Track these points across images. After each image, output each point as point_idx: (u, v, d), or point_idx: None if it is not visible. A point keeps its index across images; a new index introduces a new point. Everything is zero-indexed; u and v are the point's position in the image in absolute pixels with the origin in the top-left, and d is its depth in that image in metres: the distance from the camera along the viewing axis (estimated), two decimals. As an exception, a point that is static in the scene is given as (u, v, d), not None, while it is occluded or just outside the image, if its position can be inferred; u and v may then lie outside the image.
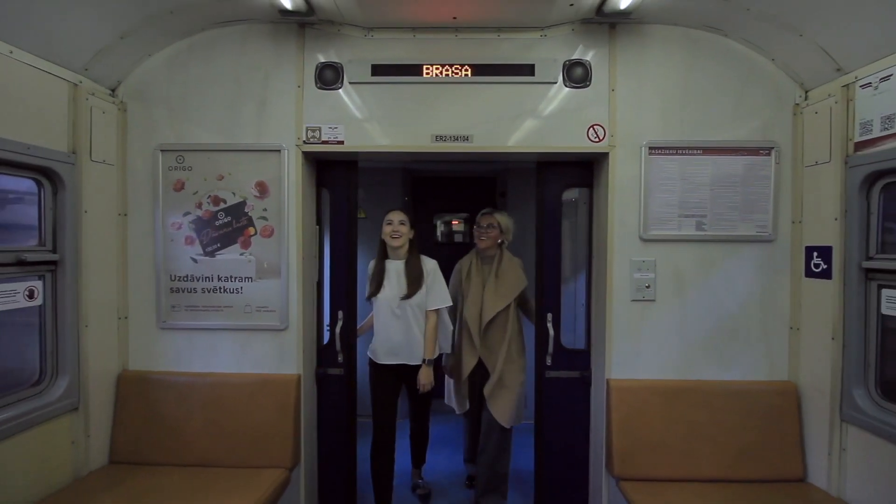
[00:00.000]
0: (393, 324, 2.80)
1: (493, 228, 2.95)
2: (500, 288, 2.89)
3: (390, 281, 2.81)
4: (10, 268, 2.04)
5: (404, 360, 2.84)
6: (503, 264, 2.95)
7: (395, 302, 2.78)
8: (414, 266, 2.82)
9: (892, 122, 1.99)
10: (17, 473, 2.03)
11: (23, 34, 1.97)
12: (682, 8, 2.33)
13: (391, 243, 2.80)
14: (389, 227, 2.80)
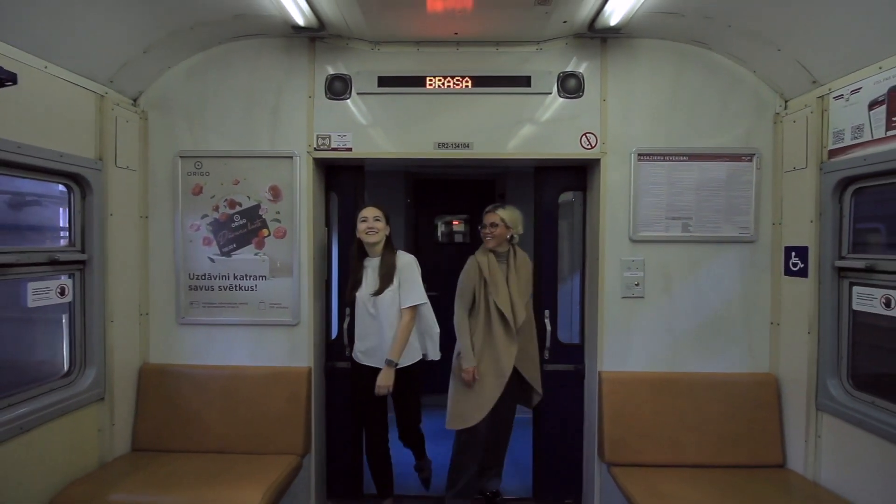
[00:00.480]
0: (368, 323, 2.65)
1: (497, 226, 2.75)
2: (520, 285, 2.77)
3: (367, 279, 2.66)
4: (45, 267, 2.18)
5: (376, 362, 2.64)
6: (517, 260, 2.83)
7: (368, 300, 2.63)
8: (387, 261, 2.65)
9: (862, 131, 2.13)
10: (50, 458, 2.17)
11: (56, 50, 2.11)
12: (668, 24, 2.47)
13: (366, 240, 2.63)
14: (364, 224, 2.62)
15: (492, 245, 2.78)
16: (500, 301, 2.70)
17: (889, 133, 2.00)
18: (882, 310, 2.08)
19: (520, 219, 2.82)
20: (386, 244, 2.68)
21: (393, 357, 2.58)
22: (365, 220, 2.62)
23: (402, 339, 2.60)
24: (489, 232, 2.78)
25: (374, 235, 2.62)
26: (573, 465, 2.95)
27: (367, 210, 2.65)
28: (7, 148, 1.91)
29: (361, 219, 2.64)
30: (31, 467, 2.06)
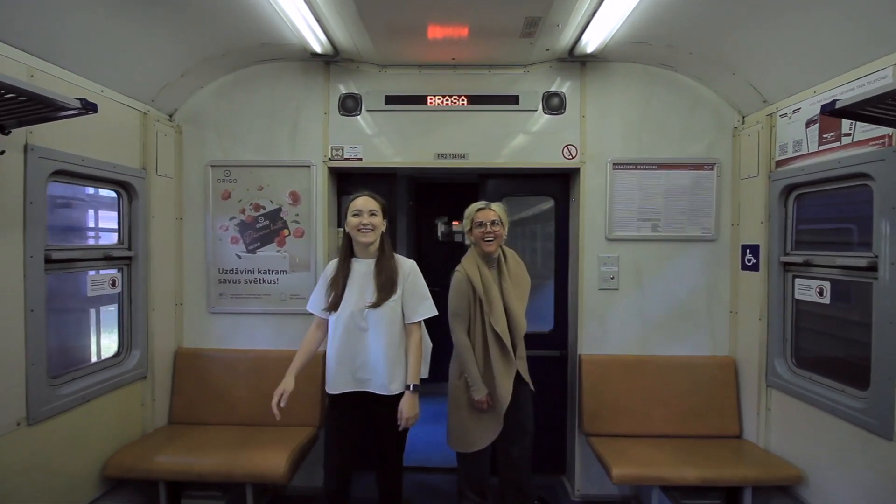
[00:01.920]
0: (357, 341, 2.18)
1: (499, 225, 2.44)
2: (518, 290, 2.50)
3: (355, 286, 2.19)
4: (100, 262, 2.49)
5: (371, 386, 2.21)
6: (509, 263, 2.55)
7: (360, 313, 2.16)
8: (386, 266, 2.20)
9: (801, 145, 2.43)
10: (104, 426, 2.47)
11: (109, 76, 2.41)
12: (637, 51, 2.77)
13: (359, 239, 2.17)
14: (357, 218, 2.16)
15: (492, 249, 2.43)
16: (497, 322, 2.39)
17: (821, 148, 2.30)
18: (817, 298, 2.38)
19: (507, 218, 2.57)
20: (381, 244, 2.24)
21: (416, 380, 2.22)
22: (359, 214, 2.17)
23: (418, 358, 2.24)
24: (491, 232, 2.42)
25: (369, 234, 2.17)
26: (558, 438, 3.23)
27: (360, 200, 2.19)
28: (74, 161, 2.21)
29: (354, 211, 2.18)
30: (89, 432, 2.36)
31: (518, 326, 2.45)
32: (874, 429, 1.99)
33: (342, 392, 2.24)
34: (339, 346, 2.21)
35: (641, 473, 2.44)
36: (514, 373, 2.43)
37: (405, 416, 2.19)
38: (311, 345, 2.35)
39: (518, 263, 2.61)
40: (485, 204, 2.52)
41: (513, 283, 2.50)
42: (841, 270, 2.24)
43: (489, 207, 2.48)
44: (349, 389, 2.23)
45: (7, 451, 1.92)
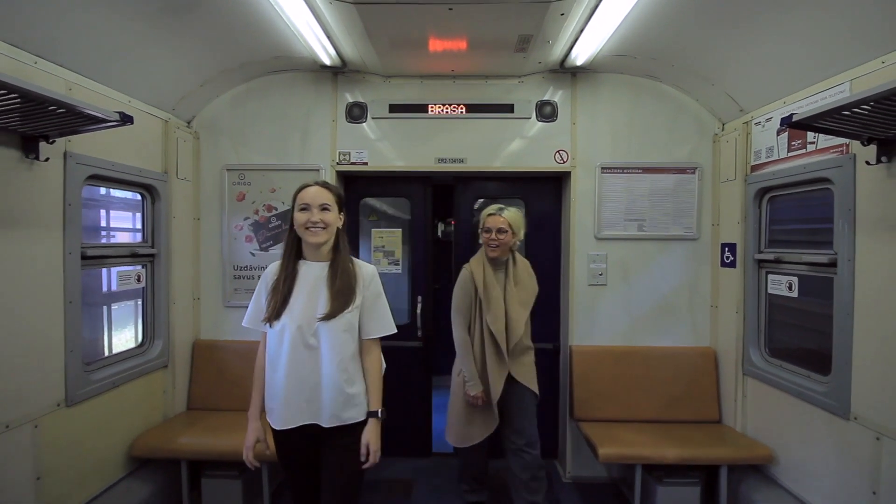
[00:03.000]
0: (304, 361, 1.73)
1: (505, 232, 2.45)
2: (521, 295, 2.52)
3: (302, 293, 1.76)
4: (127, 258, 2.67)
5: (314, 417, 1.76)
6: (518, 268, 2.56)
7: (309, 326, 1.72)
8: (343, 270, 1.78)
9: (773, 152, 2.61)
10: (130, 410, 2.65)
11: (136, 87, 2.59)
12: (624, 63, 2.95)
13: (308, 239, 1.75)
14: (304, 214, 1.73)
15: (496, 255, 2.48)
16: (493, 322, 2.41)
17: (790, 154, 2.48)
18: (787, 292, 2.57)
19: (523, 221, 2.57)
20: (336, 243, 1.81)
21: (377, 406, 1.83)
22: (307, 209, 1.73)
23: (380, 380, 1.87)
24: (495, 239, 2.43)
25: (320, 233, 1.73)
26: (551, 424, 3.42)
27: (310, 191, 1.76)
28: (106, 166, 2.39)
29: (301, 205, 1.74)
30: (118, 415, 2.54)
31: (513, 330, 2.44)
32: (834, 409, 2.17)
33: (286, 427, 1.76)
34: (287, 368, 1.73)
35: (625, 452, 2.62)
36: (505, 374, 2.46)
37: (371, 447, 1.76)
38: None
39: (527, 271, 2.61)
40: (497, 209, 2.53)
41: (517, 287, 2.50)
42: (807, 266, 2.42)
43: (499, 214, 2.49)
44: (304, 422, 1.75)
45: (49, 429, 2.10)
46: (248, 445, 1.87)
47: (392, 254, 3.44)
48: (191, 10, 2.25)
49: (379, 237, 3.46)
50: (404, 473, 3.28)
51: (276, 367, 1.79)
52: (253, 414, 1.88)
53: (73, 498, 2.25)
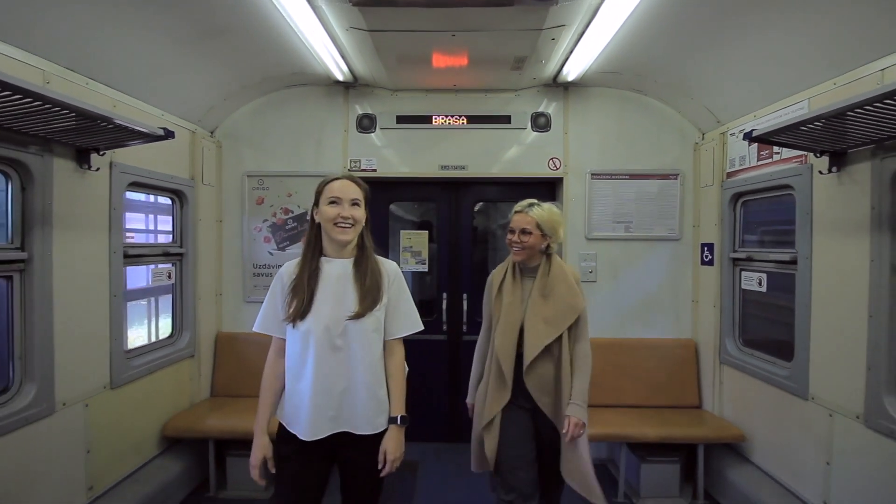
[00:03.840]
0: (330, 364, 1.62)
1: (530, 234, 2.02)
2: (549, 310, 1.99)
3: (327, 292, 1.65)
4: (160, 257, 2.93)
5: (345, 425, 1.65)
6: (552, 277, 2.04)
7: (336, 326, 1.62)
8: (370, 268, 1.70)
9: (745, 160, 2.86)
10: (162, 395, 2.90)
11: (168, 102, 2.84)
12: (612, 78, 3.20)
13: (336, 236, 1.64)
14: (334, 208, 1.63)
15: (521, 258, 2.06)
16: (499, 335, 2.01)
17: (759, 163, 2.73)
18: (757, 287, 2.81)
19: (560, 222, 2.09)
20: (361, 240, 1.72)
21: (400, 411, 1.72)
22: (337, 203, 1.64)
23: (403, 383, 1.77)
24: (518, 241, 2.04)
25: (349, 231, 1.65)
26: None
27: (338, 184, 1.66)
28: (143, 174, 2.64)
29: (331, 198, 1.64)
30: (152, 399, 2.79)
31: (527, 350, 1.96)
32: (795, 391, 2.42)
33: (312, 439, 1.61)
34: (314, 373, 1.61)
35: (611, 432, 2.87)
36: (503, 401, 2.01)
37: (391, 456, 1.66)
38: (277, 382, 1.72)
39: (565, 282, 2.04)
40: (526, 205, 2.08)
41: (545, 300, 2.00)
42: (773, 264, 2.67)
43: (527, 212, 2.05)
44: (335, 430, 1.63)
45: (97, 407, 2.36)
46: (255, 464, 1.64)
47: (419, 253, 3.67)
48: (222, 34, 2.50)
49: (407, 238, 3.69)
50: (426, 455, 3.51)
51: (300, 373, 1.63)
52: (260, 429, 1.66)
53: (116, 471, 2.50)
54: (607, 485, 3.06)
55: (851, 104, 1.64)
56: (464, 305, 3.64)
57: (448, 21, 2.35)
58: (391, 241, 3.69)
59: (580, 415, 1.95)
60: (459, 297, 3.67)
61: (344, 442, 1.66)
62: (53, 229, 2.09)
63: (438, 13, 2.25)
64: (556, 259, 2.11)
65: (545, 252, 2.09)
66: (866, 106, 1.63)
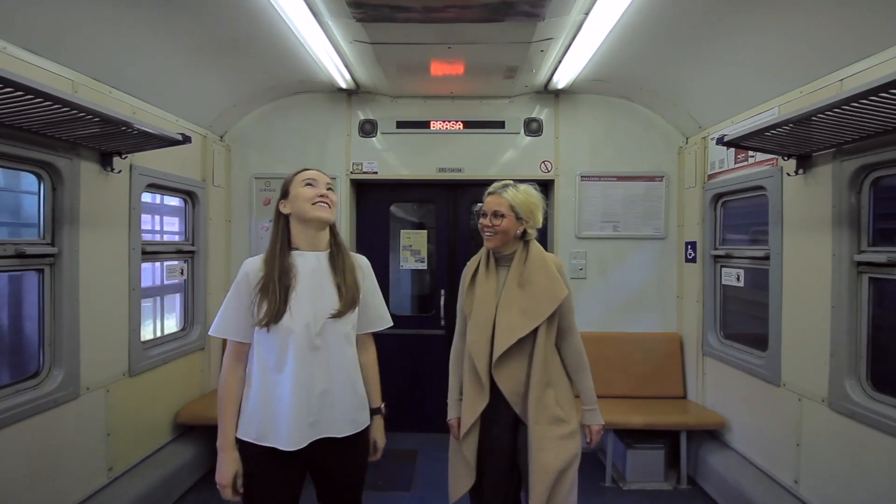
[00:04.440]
0: (311, 364, 1.51)
1: (503, 217, 1.80)
2: (525, 300, 1.78)
3: (304, 288, 1.52)
4: (173, 254, 3.09)
5: (325, 431, 1.53)
6: (529, 264, 1.82)
7: (315, 324, 1.51)
8: (347, 262, 1.61)
9: (724, 163, 3.03)
10: (174, 385, 3.05)
11: (181, 108, 3.01)
12: (600, 86, 3.38)
13: (314, 214, 1.53)
14: (311, 189, 1.56)
15: (493, 244, 1.85)
16: (471, 331, 1.82)
17: (736, 165, 2.90)
18: (735, 283, 2.98)
19: (538, 205, 1.87)
20: (334, 234, 1.63)
21: (380, 402, 1.72)
22: (313, 185, 1.57)
23: (378, 376, 1.75)
24: (490, 225, 1.82)
25: (327, 210, 1.55)
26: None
27: (312, 171, 1.62)
28: (159, 176, 2.81)
29: (306, 182, 1.57)
30: (165, 388, 2.95)
31: (498, 344, 1.75)
32: (769, 378, 2.58)
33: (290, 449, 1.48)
34: (294, 377, 1.48)
35: (598, 419, 3.02)
36: (481, 405, 1.79)
37: (380, 444, 1.69)
38: (238, 391, 1.55)
39: (544, 269, 1.81)
40: (498, 187, 1.87)
41: (522, 290, 1.79)
42: (749, 260, 2.84)
43: (499, 193, 1.84)
44: (317, 436, 1.52)
45: (117, 394, 2.51)
46: (226, 483, 1.50)
47: (418, 252, 3.83)
48: (234, 45, 2.67)
49: (407, 237, 3.85)
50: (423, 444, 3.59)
51: (277, 379, 1.48)
52: (228, 443, 1.51)
53: (133, 455, 2.66)
54: (595, 470, 3.23)
55: (812, 110, 1.80)
56: None
57: (445, 34, 2.52)
58: (392, 241, 3.86)
59: (598, 420, 1.87)
60: (457, 293, 3.82)
61: (321, 449, 1.52)
62: (80, 227, 2.25)
63: (436, 27, 2.43)
64: (534, 245, 1.87)
65: (522, 238, 1.86)
66: (826, 112, 1.78)
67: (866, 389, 2.08)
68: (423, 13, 2.25)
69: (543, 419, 1.75)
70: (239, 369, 1.56)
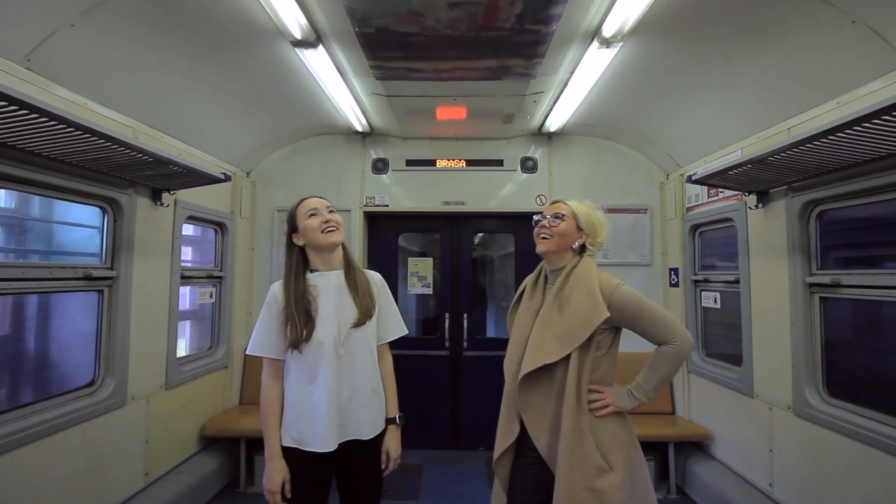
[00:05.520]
0: (335, 373, 1.66)
1: (563, 219, 1.70)
2: (559, 323, 1.59)
3: (329, 304, 1.70)
4: (204, 279, 3.40)
5: (351, 433, 1.69)
6: (570, 283, 1.64)
7: (340, 335, 1.68)
8: (360, 277, 1.77)
9: (699, 197, 3.38)
10: (200, 400, 3.30)
11: (216, 148, 3.38)
12: (588, 128, 3.78)
13: (326, 240, 1.69)
14: (315, 218, 1.71)
15: (545, 248, 1.70)
16: (507, 357, 1.72)
17: (709, 199, 3.25)
18: (714, 305, 3.28)
19: (602, 223, 1.78)
20: (346, 254, 1.80)
21: (396, 412, 1.81)
22: (316, 214, 1.72)
23: (395, 386, 1.85)
24: (547, 227, 1.70)
25: (336, 233, 1.71)
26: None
27: (311, 201, 1.77)
28: (197, 209, 3.16)
29: (309, 213, 1.72)
30: (194, 401, 3.21)
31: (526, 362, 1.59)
32: (744, 391, 2.85)
33: (320, 450, 1.63)
34: (326, 385, 1.64)
35: (592, 431, 3.26)
36: (512, 433, 1.66)
37: (394, 454, 1.76)
38: (279, 405, 1.72)
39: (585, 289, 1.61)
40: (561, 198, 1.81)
41: (559, 311, 1.61)
42: (724, 284, 3.15)
43: (562, 200, 1.78)
44: (346, 438, 1.68)
45: (155, 404, 2.78)
46: (275, 489, 1.62)
47: (425, 278, 4.14)
48: (268, 97, 3.07)
49: (414, 264, 4.16)
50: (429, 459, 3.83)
51: (311, 390, 1.64)
52: (275, 454, 1.65)
53: (166, 462, 2.90)
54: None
55: (764, 154, 2.13)
56: (464, 324, 4.09)
57: (451, 89, 2.92)
58: (400, 268, 4.17)
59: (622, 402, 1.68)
60: (460, 316, 4.12)
61: (348, 451, 1.68)
62: (134, 253, 2.58)
63: (443, 84, 2.83)
64: (585, 261, 1.68)
65: (580, 253, 1.70)
66: (776, 155, 2.13)
67: (823, 396, 2.35)
68: (434, 73, 2.65)
69: (577, 467, 1.49)
70: (277, 385, 1.72)
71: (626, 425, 1.68)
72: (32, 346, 2.58)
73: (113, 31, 2.08)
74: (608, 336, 1.67)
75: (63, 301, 2.56)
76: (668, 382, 1.77)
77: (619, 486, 1.51)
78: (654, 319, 1.67)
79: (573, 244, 1.70)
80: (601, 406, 1.63)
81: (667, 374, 1.71)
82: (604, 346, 1.67)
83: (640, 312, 1.66)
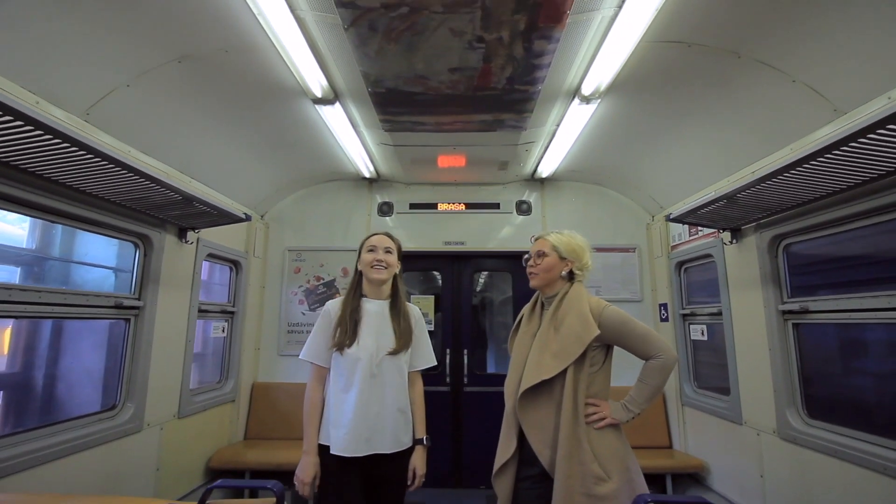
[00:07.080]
0: (368, 391, 1.88)
1: (545, 256, 1.89)
2: (555, 343, 1.76)
3: (370, 326, 1.95)
4: (218, 314, 3.59)
5: (381, 444, 1.88)
6: (563, 305, 1.81)
7: (376, 356, 1.92)
8: (403, 310, 2.02)
9: (681, 236, 3.64)
10: (207, 433, 3.40)
11: (235, 192, 3.68)
12: (577, 174, 4.10)
13: (372, 276, 1.98)
14: (371, 255, 2.01)
15: (536, 283, 1.92)
16: (508, 377, 1.87)
17: (690, 238, 3.51)
18: (701, 337, 3.45)
19: (583, 246, 1.93)
20: (395, 286, 2.06)
21: (423, 433, 2.02)
22: (373, 251, 2.02)
23: (424, 410, 2.05)
24: (533, 265, 1.92)
25: (383, 272, 1.98)
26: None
27: (375, 237, 2.06)
28: (216, 247, 3.41)
29: (368, 247, 2.04)
30: (203, 432, 3.30)
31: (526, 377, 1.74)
32: (734, 419, 2.97)
33: (351, 455, 1.83)
34: (357, 395, 1.86)
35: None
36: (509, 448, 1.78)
37: (420, 472, 1.95)
38: (319, 407, 1.96)
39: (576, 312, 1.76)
40: (542, 233, 2.00)
41: (555, 332, 1.77)
42: (709, 317, 3.34)
43: (543, 236, 1.96)
44: (366, 452, 1.86)
45: (168, 432, 2.89)
46: (307, 480, 1.84)
47: (426, 315, 4.22)
48: (284, 145, 3.40)
49: (416, 302, 4.35)
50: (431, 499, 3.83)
51: (345, 398, 1.88)
52: (312, 449, 1.88)
53: (174, 491, 2.97)
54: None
55: (731, 191, 2.41)
56: (464, 360, 4.22)
57: (451, 139, 3.26)
58: (403, 305, 4.36)
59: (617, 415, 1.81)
60: (461, 352, 4.26)
61: (374, 463, 1.88)
62: (159, 287, 2.80)
63: (445, 135, 3.16)
64: (575, 287, 1.85)
65: (569, 280, 1.88)
66: (741, 192, 2.40)
67: (804, 417, 2.49)
68: (436, 126, 2.99)
69: (575, 475, 1.62)
70: (319, 389, 1.98)
71: (623, 438, 1.81)
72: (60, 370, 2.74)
73: (161, 91, 2.41)
74: (600, 353, 1.83)
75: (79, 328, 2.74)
76: (658, 395, 1.90)
77: (615, 494, 1.63)
78: (640, 336, 1.81)
79: (561, 273, 1.89)
80: (598, 418, 1.76)
81: (656, 386, 1.84)
82: (597, 362, 1.83)
83: (627, 330, 1.80)
